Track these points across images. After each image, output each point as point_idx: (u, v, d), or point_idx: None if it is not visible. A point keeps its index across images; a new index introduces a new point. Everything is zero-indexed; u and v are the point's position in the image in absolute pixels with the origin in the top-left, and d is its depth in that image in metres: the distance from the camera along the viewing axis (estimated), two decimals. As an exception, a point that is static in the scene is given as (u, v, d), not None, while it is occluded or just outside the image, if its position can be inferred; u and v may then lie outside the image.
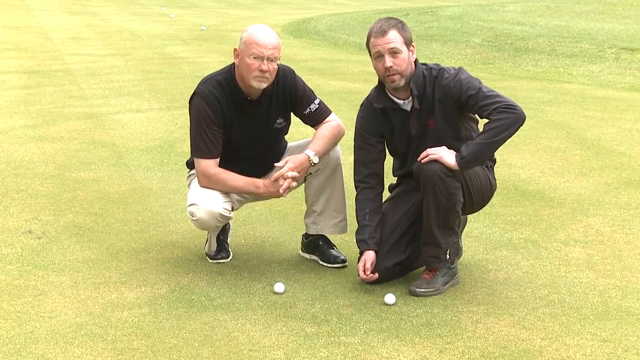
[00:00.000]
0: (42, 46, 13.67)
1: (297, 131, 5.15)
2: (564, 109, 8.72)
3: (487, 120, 3.72)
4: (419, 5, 24.09)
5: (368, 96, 4.02)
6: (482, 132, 3.70)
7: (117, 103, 8.76)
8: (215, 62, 12.01)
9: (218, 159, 4.01)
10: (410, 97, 3.85)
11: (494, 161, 4.08)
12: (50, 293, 3.88)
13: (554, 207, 5.33)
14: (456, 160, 3.70)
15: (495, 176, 4.08)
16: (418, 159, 3.79)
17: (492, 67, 11.71)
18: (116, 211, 5.14)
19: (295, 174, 3.95)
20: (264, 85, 3.94)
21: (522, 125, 3.69)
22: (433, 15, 18.84)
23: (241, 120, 4.01)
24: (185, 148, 6.64)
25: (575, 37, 14.62)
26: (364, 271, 3.92)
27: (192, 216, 4.00)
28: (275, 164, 4.04)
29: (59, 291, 3.90)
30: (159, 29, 16.78)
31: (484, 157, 3.75)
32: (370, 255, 3.94)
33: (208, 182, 4.01)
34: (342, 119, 4.33)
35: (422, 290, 3.88)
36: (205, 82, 4.04)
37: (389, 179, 4.25)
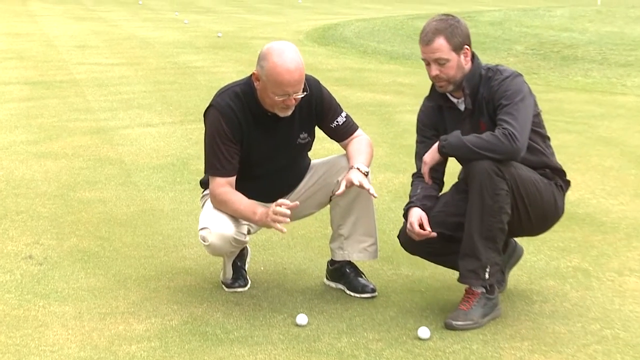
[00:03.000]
0: (45, 55, 13.82)
1: (322, 147, 5.15)
2: (617, 123, 8.67)
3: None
4: (455, 9, 24.10)
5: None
6: (476, 136, 3.78)
7: (126, 116, 8.83)
8: (232, 71, 12.07)
9: (233, 178, 4.01)
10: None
11: (568, 183, 4.09)
12: (52, 324, 3.90)
13: (607, 232, 5.28)
14: (438, 145, 3.87)
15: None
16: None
17: (536, 78, 11.68)
18: (124, 235, 5.16)
19: (287, 213, 3.80)
20: (290, 113, 3.97)
21: (505, 158, 3.76)
22: (471, 20, 18.84)
23: (261, 135, 4.02)
24: (199, 166, 6.63)
25: (629, 45, 14.54)
26: (411, 224, 3.92)
27: (204, 241, 4.01)
28: (337, 193, 4.00)
29: (62, 322, 3.92)
30: (172, 36, 16.92)
31: (460, 156, 3.88)
32: (417, 211, 3.96)
33: (214, 201, 4.02)
34: (372, 135, 4.34)
35: (460, 323, 3.86)
36: (221, 93, 4.06)
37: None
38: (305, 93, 3.96)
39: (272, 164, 4.12)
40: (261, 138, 4.03)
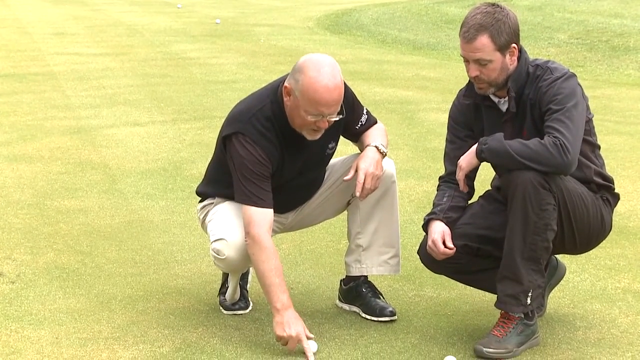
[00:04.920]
0: (18, 43, 13.89)
1: (338, 150, 5.17)
2: (674, 124, 8.66)
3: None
4: (489, -8, 24.09)
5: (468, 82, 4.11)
6: (521, 142, 3.77)
7: (110, 114, 8.87)
8: (233, 63, 12.12)
9: (272, 212, 3.96)
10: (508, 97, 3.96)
11: (616, 197, 4.10)
12: (25, 351, 3.92)
13: (661, 248, 5.29)
14: (476, 149, 3.86)
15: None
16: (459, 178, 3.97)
17: (582, 71, 11.68)
18: (108, 249, 5.19)
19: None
20: (318, 137, 3.99)
21: (553, 172, 3.76)
22: (506, 5, 18.85)
23: (293, 155, 4.05)
24: (194, 171, 6.70)
25: (689, 33, 14.51)
26: (433, 242, 3.94)
27: (218, 255, 4.02)
28: (345, 178, 4.11)
29: (37, 349, 3.94)
30: (164, 23, 16.98)
31: (500, 164, 3.88)
32: (439, 226, 3.98)
33: (253, 242, 3.92)
34: (392, 137, 4.37)
35: (492, 350, 3.87)
36: (249, 118, 3.98)
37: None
38: (340, 117, 3.98)
39: (302, 178, 4.17)
40: (294, 156, 4.06)
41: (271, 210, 3.96)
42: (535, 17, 16.73)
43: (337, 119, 3.96)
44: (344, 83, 4.04)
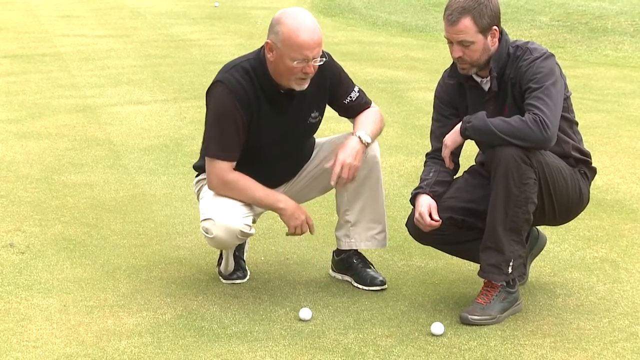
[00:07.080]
0: (26, 25, 13.83)
1: (327, 127, 5.17)
2: (649, 102, 8.66)
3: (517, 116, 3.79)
4: (474, -23, 23.98)
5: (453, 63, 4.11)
6: (503, 120, 3.77)
7: (114, 93, 8.85)
8: (230, 44, 12.08)
9: (235, 163, 4.02)
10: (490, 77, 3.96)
11: (593, 170, 4.10)
12: (35, 318, 3.93)
13: (637, 220, 5.29)
14: (460, 127, 3.86)
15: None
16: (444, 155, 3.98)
17: (562, 52, 11.65)
18: (113, 222, 5.19)
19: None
20: (306, 86, 3.97)
21: (533, 147, 3.76)
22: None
23: (272, 115, 4.01)
24: (194, 147, 6.68)
25: (664, 16, 14.48)
26: (420, 215, 3.94)
27: (207, 233, 4.01)
28: (326, 166, 4.09)
29: (45, 316, 3.95)
30: (165, 6, 16.90)
31: (483, 140, 3.89)
32: (426, 199, 3.98)
33: (222, 188, 4.03)
34: (384, 114, 4.34)
35: (476, 317, 3.89)
36: (229, 69, 4.01)
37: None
38: (324, 59, 3.97)
39: (281, 147, 4.12)
40: (272, 118, 4.02)
41: (234, 163, 4.02)
42: (518, 0, 16.68)
43: (321, 62, 3.94)
44: (332, 57, 4.04)
